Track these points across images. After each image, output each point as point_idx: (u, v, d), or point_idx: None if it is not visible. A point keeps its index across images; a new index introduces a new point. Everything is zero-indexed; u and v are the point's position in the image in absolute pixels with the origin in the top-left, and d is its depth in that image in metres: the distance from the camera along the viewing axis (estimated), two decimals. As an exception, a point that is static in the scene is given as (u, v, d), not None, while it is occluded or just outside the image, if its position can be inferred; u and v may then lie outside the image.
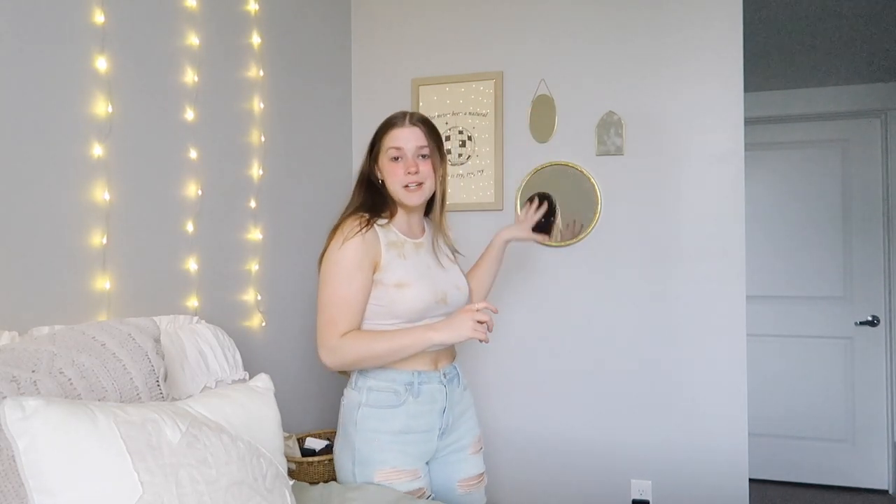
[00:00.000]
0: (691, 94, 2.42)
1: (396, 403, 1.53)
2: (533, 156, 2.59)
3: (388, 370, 1.54)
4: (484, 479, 1.73)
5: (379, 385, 1.54)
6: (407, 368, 1.54)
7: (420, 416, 1.55)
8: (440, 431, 1.60)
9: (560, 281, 2.56)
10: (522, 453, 2.59)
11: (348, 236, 1.49)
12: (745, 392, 2.35)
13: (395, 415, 1.52)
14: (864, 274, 3.62)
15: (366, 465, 1.52)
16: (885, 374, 3.58)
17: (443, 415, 1.59)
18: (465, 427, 1.68)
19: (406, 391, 1.53)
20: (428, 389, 1.56)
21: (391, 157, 1.57)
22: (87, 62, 1.56)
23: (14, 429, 0.91)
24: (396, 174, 1.55)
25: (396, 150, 1.56)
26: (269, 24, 2.26)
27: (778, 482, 3.73)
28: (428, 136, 1.58)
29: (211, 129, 1.97)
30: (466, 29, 2.69)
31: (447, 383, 1.61)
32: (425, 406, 1.56)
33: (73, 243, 1.52)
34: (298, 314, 2.40)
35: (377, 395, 1.53)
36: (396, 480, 1.51)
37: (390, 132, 1.58)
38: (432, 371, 1.58)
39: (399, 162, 1.56)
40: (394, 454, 1.52)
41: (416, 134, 1.57)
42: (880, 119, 3.62)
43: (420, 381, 1.55)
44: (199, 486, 1.00)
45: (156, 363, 1.29)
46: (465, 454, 1.67)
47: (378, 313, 1.53)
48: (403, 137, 1.56)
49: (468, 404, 1.72)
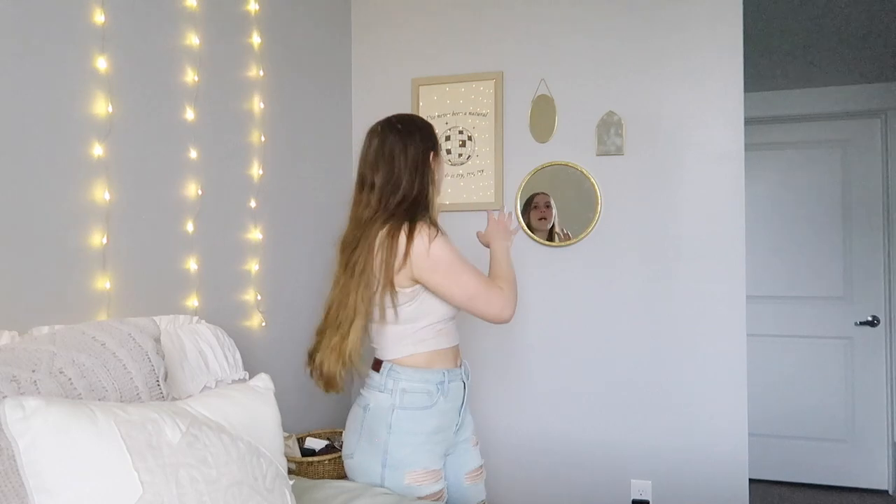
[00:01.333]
0: (691, 94, 2.42)
1: (430, 404, 1.54)
2: (533, 156, 2.59)
3: (422, 370, 1.54)
4: (483, 471, 1.75)
5: (413, 387, 1.53)
6: (438, 367, 1.57)
7: (447, 414, 1.58)
8: (457, 427, 1.63)
9: (560, 281, 2.56)
10: (522, 453, 2.59)
11: (437, 235, 1.51)
12: (745, 392, 2.35)
13: (430, 415, 1.54)
14: (864, 274, 3.62)
15: (397, 468, 1.51)
16: (885, 374, 3.58)
17: (461, 410, 1.63)
18: (466, 419, 1.71)
19: (437, 391, 1.55)
20: (454, 387, 1.59)
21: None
22: (87, 62, 1.56)
23: (14, 428, 0.91)
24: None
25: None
26: (269, 24, 2.26)
27: (778, 482, 3.73)
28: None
29: (211, 129, 1.97)
30: (466, 29, 2.69)
31: (465, 379, 1.65)
32: (451, 403, 1.59)
33: (73, 243, 1.52)
34: (298, 314, 2.40)
35: (411, 396, 1.53)
36: (425, 483, 1.52)
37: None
38: (456, 368, 1.61)
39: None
40: (425, 455, 1.53)
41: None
42: (880, 119, 3.62)
43: (449, 379, 1.58)
44: (199, 485, 1.00)
45: (156, 363, 1.29)
46: (468, 446, 1.70)
47: (430, 312, 1.55)
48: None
49: (466, 398, 1.74)
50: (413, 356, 1.55)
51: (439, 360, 1.57)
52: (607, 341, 2.50)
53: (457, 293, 1.50)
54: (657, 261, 2.45)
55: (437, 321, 1.56)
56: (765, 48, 3.17)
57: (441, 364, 1.57)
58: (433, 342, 1.56)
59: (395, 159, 1.54)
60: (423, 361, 1.55)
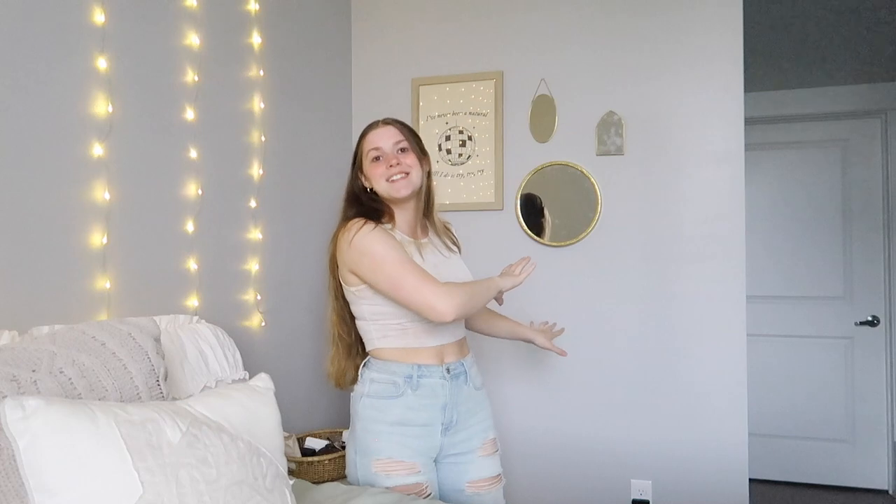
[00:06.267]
0: (691, 94, 2.42)
1: (394, 395, 1.55)
2: (533, 156, 2.59)
3: (390, 363, 1.57)
4: (499, 481, 1.70)
5: (380, 377, 1.57)
6: (408, 362, 1.57)
7: (419, 410, 1.56)
8: (443, 427, 1.59)
9: (559, 281, 2.56)
10: (522, 453, 2.59)
11: (362, 227, 1.50)
12: (745, 392, 2.35)
13: (392, 405, 1.55)
14: (864, 274, 3.62)
15: (365, 455, 1.55)
16: (885, 374, 3.58)
17: (444, 410, 1.59)
18: (477, 428, 1.66)
19: (405, 383, 1.55)
20: (428, 383, 1.57)
21: (372, 158, 1.61)
22: (87, 62, 1.56)
23: (14, 428, 0.91)
24: (379, 171, 1.59)
25: (375, 150, 1.60)
26: (269, 24, 2.26)
27: (778, 482, 3.73)
28: (402, 131, 1.63)
29: (211, 129, 1.97)
30: (466, 29, 2.69)
31: (451, 379, 1.60)
32: (425, 400, 1.56)
33: (73, 243, 1.52)
34: (298, 314, 2.40)
35: (377, 386, 1.56)
36: (393, 472, 1.52)
37: (366, 137, 1.64)
38: (435, 365, 1.58)
39: (380, 161, 1.60)
40: (391, 445, 1.53)
41: (391, 132, 1.62)
42: (880, 119, 3.62)
43: (420, 374, 1.56)
44: (199, 485, 1.00)
45: (156, 363, 1.29)
46: (473, 455, 1.65)
47: (386, 314, 1.56)
48: (378, 137, 1.61)
49: (480, 405, 1.69)
50: (381, 350, 1.59)
51: (412, 355, 1.57)
52: (607, 341, 2.50)
53: (382, 283, 1.48)
54: (657, 261, 2.45)
55: (396, 320, 1.56)
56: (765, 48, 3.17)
57: (414, 359, 1.57)
58: (397, 339, 1.57)
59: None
60: (391, 355, 1.58)
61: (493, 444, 1.71)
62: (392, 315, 1.56)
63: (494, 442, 1.71)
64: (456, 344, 1.65)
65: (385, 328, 1.58)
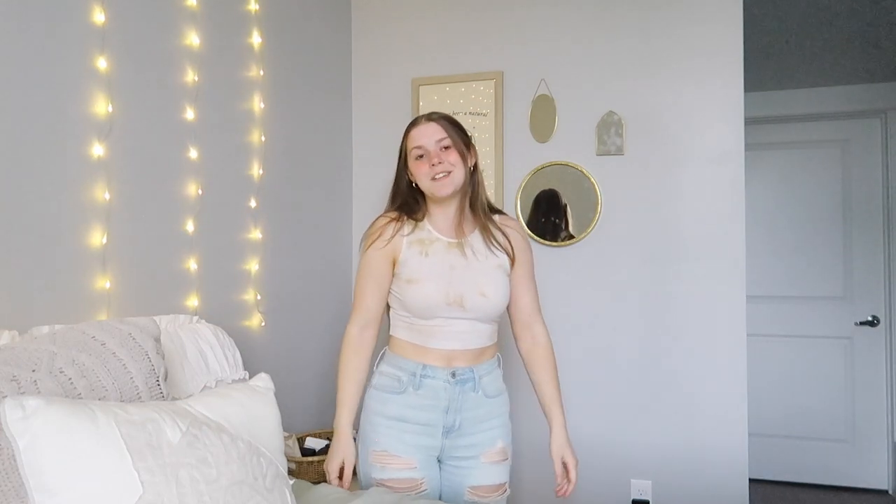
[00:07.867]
0: (692, 93, 2.42)
1: (397, 390, 1.58)
2: (533, 156, 2.58)
3: (399, 357, 1.61)
4: (504, 490, 1.67)
5: (387, 370, 1.61)
6: (416, 359, 1.59)
7: (419, 410, 1.56)
8: (445, 430, 1.59)
9: (559, 281, 2.56)
10: (522, 452, 2.59)
11: (370, 235, 1.62)
12: (745, 392, 2.35)
13: (392, 400, 1.58)
14: (864, 274, 3.62)
15: (363, 443, 1.59)
16: (885, 374, 3.58)
17: (446, 414, 1.58)
18: (484, 435, 1.63)
19: (409, 381, 1.57)
20: (430, 384, 1.57)
21: (416, 156, 1.62)
22: (87, 62, 1.56)
23: (14, 428, 0.91)
24: (422, 170, 1.60)
25: (418, 149, 1.61)
26: (269, 24, 2.26)
27: (778, 482, 3.73)
28: (447, 128, 1.62)
29: (211, 129, 1.97)
30: (466, 29, 2.69)
31: (455, 384, 1.58)
32: (427, 400, 1.57)
33: (73, 243, 1.52)
34: (298, 314, 2.40)
35: (383, 379, 1.61)
36: (388, 465, 1.55)
37: (410, 135, 1.64)
38: (440, 367, 1.58)
39: (423, 159, 1.61)
40: (388, 438, 1.56)
41: (434, 129, 1.61)
42: (880, 119, 3.62)
43: (424, 373, 1.57)
44: (199, 485, 1.00)
45: (156, 363, 1.29)
46: (477, 461, 1.62)
47: (397, 304, 1.63)
48: (421, 134, 1.61)
49: (493, 413, 1.65)
50: (394, 339, 1.65)
51: (420, 352, 1.59)
52: (607, 341, 2.50)
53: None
54: (657, 261, 2.45)
55: (404, 312, 1.62)
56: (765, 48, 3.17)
57: (422, 357, 1.58)
58: (406, 333, 1.62)
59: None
60: (402, 347, 1.62)
61: (502, 453, 1.66)
62: (400, 307, 1.62)
63: (503, 450, 1.66)
64: (469, 352, 1.61)
65: (397, 318, 1.64)
